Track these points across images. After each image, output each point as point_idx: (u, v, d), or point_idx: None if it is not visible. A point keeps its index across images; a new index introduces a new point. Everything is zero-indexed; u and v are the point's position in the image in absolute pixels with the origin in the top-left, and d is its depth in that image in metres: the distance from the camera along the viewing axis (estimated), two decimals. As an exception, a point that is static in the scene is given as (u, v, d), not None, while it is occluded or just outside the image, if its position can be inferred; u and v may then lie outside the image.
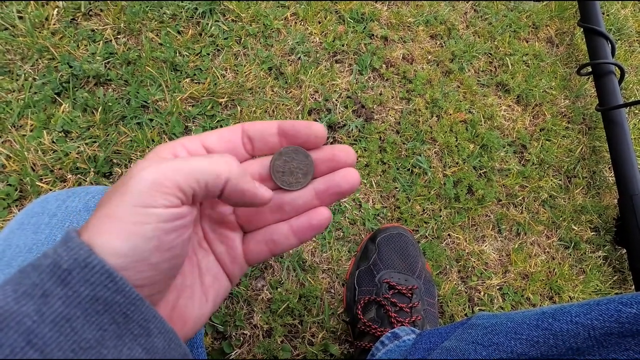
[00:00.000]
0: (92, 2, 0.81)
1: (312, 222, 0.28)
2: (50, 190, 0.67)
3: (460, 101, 0.91)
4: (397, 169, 0.82)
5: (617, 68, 0.92)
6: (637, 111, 1.02)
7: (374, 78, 0.90)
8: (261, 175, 0.29)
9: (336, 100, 0.85)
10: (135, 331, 0.20)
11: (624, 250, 0.85)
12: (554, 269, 0.82)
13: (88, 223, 0.21)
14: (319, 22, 0.91)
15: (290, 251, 0.73)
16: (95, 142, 0.72)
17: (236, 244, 0.29)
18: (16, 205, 0.66)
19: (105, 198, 0.21)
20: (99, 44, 0.78)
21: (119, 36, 0.81)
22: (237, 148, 0.28)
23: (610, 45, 0.94)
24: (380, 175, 0.81)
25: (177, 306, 0.26)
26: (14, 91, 0.72)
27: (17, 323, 0.18)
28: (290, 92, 0.84)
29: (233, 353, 0.65)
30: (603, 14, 1.09)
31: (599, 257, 0.85)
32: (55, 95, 0.73)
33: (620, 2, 1.14)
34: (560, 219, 0.86)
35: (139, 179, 0.20)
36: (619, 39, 1.09)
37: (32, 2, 0.78)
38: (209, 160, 0.23)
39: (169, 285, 0.25)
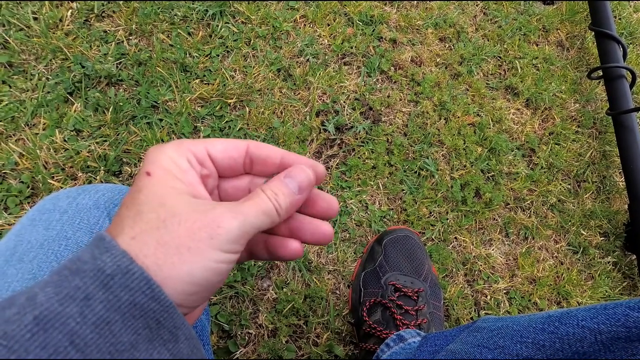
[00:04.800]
0: (105, 3, 0.82)
1: (284, 254, 0.29)
2: (61, 187, 0.68)
3: (469, 104, 0.91)
4: (404, 171, 0.82)
5: (628, 72, 0.91)
6: (648, 116, 1.00)
7: (382, 80, 0.90)
8: (250, 188, 0.30)
9: (344, 102, 0.86)
10: (165, 336, 0.22)
11: (634, 257, 0.84)
12: (562, 274, 0.81)
13: (162, 245, 0.22)
14: (328, 25, 0.92)
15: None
16: (105, 141, 0.73)
17: None
18: (28, 202, 0.67)
19: (184, 230, 0.23)
20: (111, 45, 0.80)
21: (130, 37, 0.82)
22: (237, 166, 0.29)
23: (622, 49, 0.93)
24: (387, 178, 0.81)
25: None
26: (27, 90, 0.74)
27: (62, 324, 0.19)
28: (299, 93, 0.84)
29: (238, 352, 0.65)
30: (615, 17, 1.08)
31: (609, 262, 0.84)
32: (67, 95, 0.74)
33: (632, 4, 1.13)
34: (569, 223, 0.85)
35: (229, 229, 0.23)
36: (630, 43, 1.08)
37: (46, 3, 0.80)
38: (269, 218, 0.26)
39: None
